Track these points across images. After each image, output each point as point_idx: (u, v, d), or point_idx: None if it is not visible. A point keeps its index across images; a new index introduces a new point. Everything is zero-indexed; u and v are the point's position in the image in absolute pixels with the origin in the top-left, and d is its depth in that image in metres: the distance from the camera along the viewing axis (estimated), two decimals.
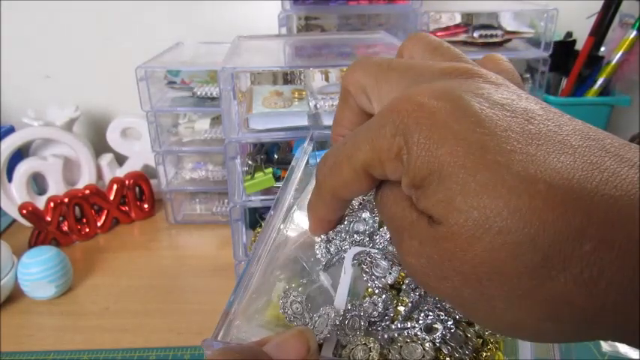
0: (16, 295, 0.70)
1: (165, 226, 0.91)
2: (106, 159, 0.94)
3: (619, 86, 0.90)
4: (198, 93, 0.84)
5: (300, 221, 0.30)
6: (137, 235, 0.89)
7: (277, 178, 0.67)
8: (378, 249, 0.27)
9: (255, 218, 0.73)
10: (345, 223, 0.28)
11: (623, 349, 0.55)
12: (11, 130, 0.90)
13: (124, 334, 0.64)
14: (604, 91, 0.89)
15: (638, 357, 0.54)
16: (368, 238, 0.27)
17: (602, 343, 0.56)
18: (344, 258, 0.27)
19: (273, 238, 0.29)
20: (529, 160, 0.17)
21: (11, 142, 0.85)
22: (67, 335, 0.64)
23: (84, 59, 0.98)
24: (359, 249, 0.27)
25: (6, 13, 0.93)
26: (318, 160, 0.37)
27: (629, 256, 0.15)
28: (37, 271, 0.67)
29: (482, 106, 0.19)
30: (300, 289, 0.26)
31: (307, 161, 0.35)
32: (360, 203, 0.28)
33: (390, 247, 0.27)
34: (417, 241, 0.19)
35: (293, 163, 0.34)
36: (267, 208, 0.71)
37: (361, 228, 0.27)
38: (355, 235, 0.27)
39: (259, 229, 0.72)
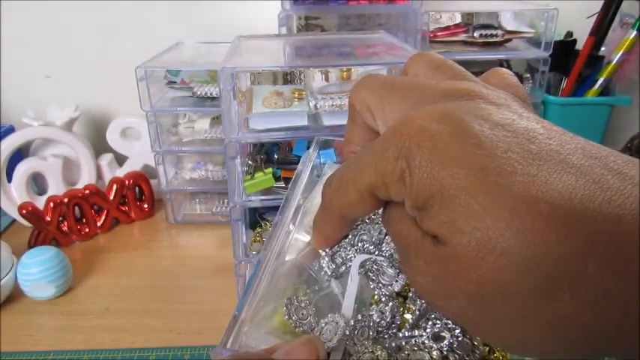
0: (16, 295, 0.70)
1: (165, 226, 0.90)
2: (106, 159, 0.94)
3: (619, 86, 0.90)
4: (198, 93, 0.84)
5: (306, 228, 0.30)
6: (137, 235, 0.88)
7: (277, 178, 0.67)
8: (384, 257, 0.27)
9: (255, 218, 0.73)
10: (350, 237, 0.28)
11: None
12: (11, 130, 0.90)
13: (124, 334, 0.64)
14: (604, 91, 0.89)
15: None
16: (373, 247, 0.27)
17: None
18: (351, 266, 0.27)
19: (280, 245, 0.29)
20: (530, 180, 0.17)
21: (11, 142, 0.85)
22: (67, 335, 0.64)
23: (84, 59, 0.98)
24: (365, 256, 0.27)
25: (6, 13, 0.93)
26: (322, 160, 0.37)
27: (634, 276, 0.15)
28: (36, 271, 0.67)
29: (482, 128, 0.19)
30: (305, 296, 0.26)
31: (312, 167, 0.35)
32: (369, 217, 0.29)
33: (397, 255, 0.27)
34: (422, 260, 0.19)
35: (299, 168, 0.34)
36: (267, 208, 0.71)
37: (366, 237, 0.28)
38: (360, 244, 0.27)
39: (259, 229, 0.72)
